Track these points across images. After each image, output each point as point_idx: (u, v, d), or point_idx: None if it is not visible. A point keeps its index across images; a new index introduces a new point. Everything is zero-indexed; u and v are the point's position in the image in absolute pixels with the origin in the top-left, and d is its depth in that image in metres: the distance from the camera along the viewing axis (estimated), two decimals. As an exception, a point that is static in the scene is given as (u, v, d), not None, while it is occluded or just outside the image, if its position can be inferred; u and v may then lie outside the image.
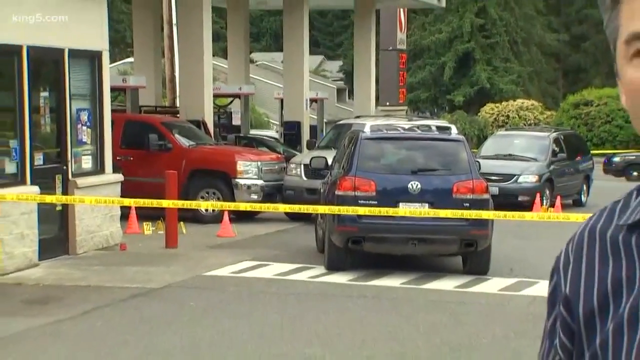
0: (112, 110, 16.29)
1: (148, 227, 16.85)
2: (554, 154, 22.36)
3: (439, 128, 15.28)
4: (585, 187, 23.43)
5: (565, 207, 20.99)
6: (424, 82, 52.80)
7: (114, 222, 15.20)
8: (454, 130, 14.65)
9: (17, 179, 13.11)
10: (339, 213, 12.65)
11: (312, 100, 26.99)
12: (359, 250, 13.16)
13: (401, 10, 35.49)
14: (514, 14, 53.01)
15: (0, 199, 12.08)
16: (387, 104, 35.86)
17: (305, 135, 24.96)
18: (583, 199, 23.17)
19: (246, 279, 12.85)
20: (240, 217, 17.84)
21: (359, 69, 30.79)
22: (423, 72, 52.64)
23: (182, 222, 16.56)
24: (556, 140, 22.97)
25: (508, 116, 43.05)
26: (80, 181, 14.32)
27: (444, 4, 33.92)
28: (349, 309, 11.08)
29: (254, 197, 18.24)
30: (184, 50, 21.95)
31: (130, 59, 39.67)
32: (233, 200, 17.61)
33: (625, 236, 1.43)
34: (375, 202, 12.80)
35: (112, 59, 30.53)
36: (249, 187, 18.43)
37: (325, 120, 28.93)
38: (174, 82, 30.38)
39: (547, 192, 21.24)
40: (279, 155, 20.63)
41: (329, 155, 16.73)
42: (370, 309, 11.08)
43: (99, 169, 15.06)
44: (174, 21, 29.93)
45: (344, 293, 11.99)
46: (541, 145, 22.60)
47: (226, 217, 16.69)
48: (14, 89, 13.11)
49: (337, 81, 61.86)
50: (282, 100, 26.84)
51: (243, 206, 15.13)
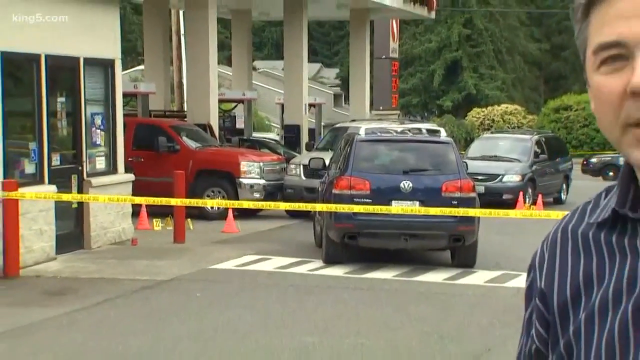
0: (124, 115, 16.28)
1: (157, 224, 16.83)
2: (536, 155, 22.36)
3: (429, 131, 15.27)
4: (564, 186, 23.43)
5: (546, 204, 21.00)
6: (415, 88, 52.76)
7: (126, 218, 15.20)
8: (443, 133, 14.64)
9: (35, 179, 13.11)
10: (335, 210, 12.66)
11: (311, 105, 26.97)
12: (354, 245, 13.17)
13: (393, 21, 35.44)
14: (498, 25, 53.00)
15: (20, 197, 12.07)
16: (381, 108, 35.82)
17: (304, 137, 24.96)
18: (563, 197, 23.17)
19: (249, 272, 12.85)
20: (243, 214, 17.83)
21: (354, 76, 30.82)
22: (414, 79, 52.61)
23: (189, 219, 16.54)
24: (538, 143, 22.96)
25: (493, 120, 43.02)
26: (95, 181, 14.33)
27: (433, 16, 33.91)
28: (345, 300, 11.09)
29: (257, 195, 18.23)
30: (191, 59, 21.93)
31: (141, 67, 39.71)
32: (237, 198, 17.61)
33: (595, 233, 1.45)
34: (370, 200, 12.80)
35: (124, 67, 30.54)
36: (251, 186, 18.42)
37: (323, 123, 28.89)
38: (181, 88, 30.38)
39: (530, 190, 21.23)
40: (280, 157, 20.62)
41: (327, 157, 16.74)
42: (365, 300, 11.09)
43: (111, 169, 15.06)
44: (182, 32, 29.95)
45: (340, 285, 11.99)
46: (524, 147, 22.59)
47: (230, 214, 16.68)
48: (33, 94, 13.12)
49: (334, 87, 61.80)
50: (282, 105, 26.81)
51: (246, 204, 15.14)
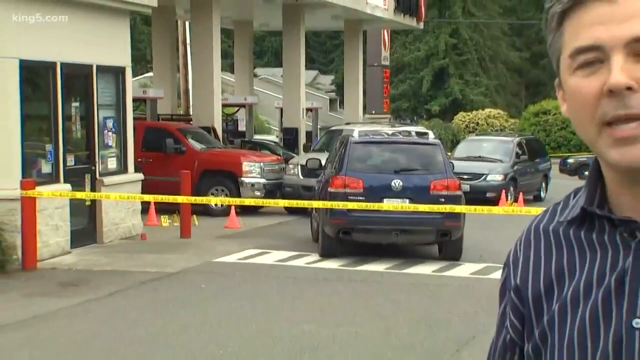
0: (134, 118, 16.27)
1: (165, 220, 16.83)
2: (517, 156, 22.36)
3: (418, 133, 15.30)
4: (544, 185, 23.45)
5: (526, 201, 21.00)
6: (405, 93, 52.71)
7: (136, 215, 15.19)
8: (431, 135, 14.69)
9: (52, 178, 13.11)
10: (331, 207, 12.67)
11: (308, 109, 26.95)
12: (348, 240, 13.17)
13: (385, 31, 35.45)
14: (482, 35, 52.97)
15: (37, 195, 12.06)
16: (373, 112, 35.83)
17: (302, 139, 24.94)
18: (542, 195, 23.18)
19: (251, 265, 12.85)
20: (245, 211, 17.82)
21: (348, 82, 30.78)
22: (404, 85, 52.55)
23: (194, 215, 16.53)
24: (519, 144, 22.97)
25: (477, 123, 42.97)
26: (107, 180, 14.32)
27: (422, 26, 33.91)
28: (340, 290, 11.09)
29: (257, 193, 18.22)
30: (196, 66, 21.92)
31: (150, 74, 39.64)
32: (239, 196, 17.59)
33: (565, 230, 1.46)
34: (363, 198, 12.80)
35: (134, 74, 30.50)
36: (253, 184, 18.41)
37: (319, 126, 28.86)
38: (187, 93, 30.33)
39: (512, 189, 21.24)
40: (279, 157, 20.60)
41: (323, 157, 16.74)
42: (358, 291, 11.09)
43: (122, 169, 15.04)
44: (188, 41, 29.90)
45: (335, 277, 11.99)
46: (506, 149, 22.60)
47: (233, 211, 16.68)
48: (49, 99, 13.11)
49: (329, 93, 61.70)
50: (281, 109, 26.77)
51: (248, 201, 15.13)
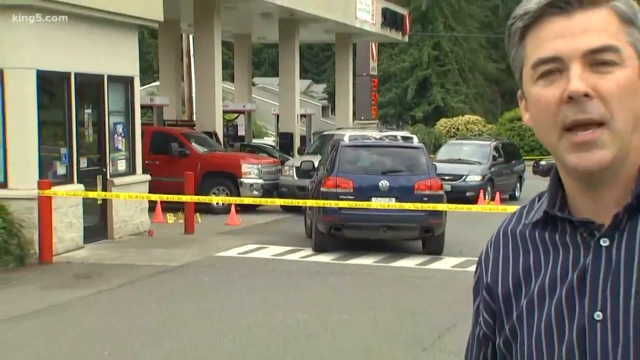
0: (142, 124, 16.25)
1: (170, 217, 16.81)
2: (494, 158, 22.39)
3: (403, 138, 15.29)
4: (518, 185, 23.48)
5: (503, 200, 21.04)
6: (391, 101, 52.72)
7: (143, 213, 15.17)
8: (415, 139, 14.67)
9: (66, 179, 13.08)
10: (323, 206, 12.67)
11: (302, 116, 26.95)
12: (339, 236, 13.17)
13: (373, 43, 35.48)
14: (462, 47, 53.04)
15: (53, 195, 12.04)
16: (362, 118, 35.83)
17: (297, 143, 24.94)
18: (517, 194, 23.21)
19: (249, 259, 12.85)
20: (244, 209, 17.81)
21: (339, 91, 30.81)
22: (390, 93, 52.56)
23: (197, 213, 16.53)
24: (496, 148, 23.00)
25: (458, 128, 42.98)
26: (117, 180, 14.30)
27: (406, 39, 33.99)
28: (331, 282, 11.09)
29: (256, 193, 18.21)
30: (199, 76, 21.89)
31: (156, 83, 39.60)
32: (238, 195, 17.58)
33: (530, 232, 1.47)
34: (353, 197, 12.81)
35: (142, 83, 30.48)
36: (251, 185, 18.40)
37: (312, 131, 28.86)
38: (191, 101, 30.27)
39: (489, 188, 21.26)
40: (276, 160, 20.58)
41: (316, 160, 16.74)
42: (349, 283, 11.09)
43: (131, 170, 15.02)
44: (192, 53, 29.85)
45: (327, 270, 12.00)
46: (484, 152, 22.63)
47: (233, 209, 16.67)
48: (64, 107, 13.09)
49: (322, 100, 61.69)
50: (277, 116, 26.78)
51: (247, 200, 15.11)
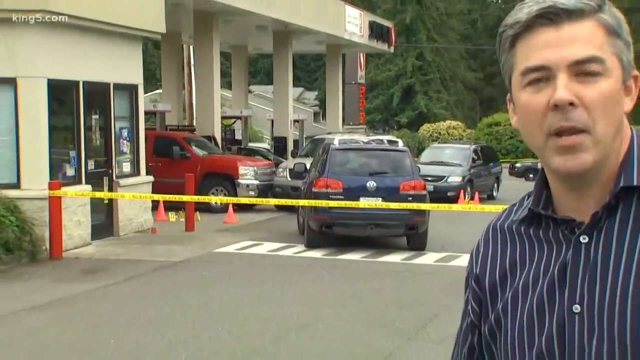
0: (146, 129, 16.22)
1: (172, 216, 16.78)
2: (473, 161, 22.44)
3: (389, 141, 15.32)
4: (496, 186, 23.56)
5: (481, 200, 21.09)
6: (378, 107, 52.78)
7: (147, 212, 15.14)
8: (400, 143, 14.70)
9: (75, 180, 13.04)
10: (315, 205, 12.66)
11: (295, 121, 26.95)
12: (330, 233, 13.16)
13: (361, 54, 35.50)
14: (444, 58, 53.17)
15: (62, 195, 12.00)
16: (351, 123, 35.78)
17: (290, 147, 24.94)
18: (494, 194, 23.28)
19: (246, 255, 12.83)
20: (241, 208, 17.79)
21: (329, 98, 30.85)
22: (377, 100, 52.62)
23: (197, 212, 16.50)
24: (475, 151, 23.06)
25: (440, 133, 43.05)
26: (122, 181, 14.27)
27: (392, 50, 34.04)
28: (323, 276, 11.09)
29: (252, 193, 18.19)
30: (199, 84, 21.86)
31: (159, 91, 39.43)
32: (236, 195, 17.56)
33: (517, 227, 1.46)
34: (342, 197, 12.81)
35: (146, 91, 30.32)
36: (248, 185, 18.37)
37: (304, 135, 28.87)
38: (191, 107, 30.21)
39: (469, 189, 21.31)
40: (270, 162, 20.58)
41: (308, 162, 16.74)
42: (339, 277, 11.09)
43: (135, 172, 14.99)
44: (192, 62, 29.79)
45: (319, 265, 11.99)
46: (464, 155, 22.68)
47: (231, 208, 16.65)
48: (73, 113, 13.06)
49: (313, 107, 61.67)
50: (272, 121, 26.79)
51: (243, 200, 15.09)
